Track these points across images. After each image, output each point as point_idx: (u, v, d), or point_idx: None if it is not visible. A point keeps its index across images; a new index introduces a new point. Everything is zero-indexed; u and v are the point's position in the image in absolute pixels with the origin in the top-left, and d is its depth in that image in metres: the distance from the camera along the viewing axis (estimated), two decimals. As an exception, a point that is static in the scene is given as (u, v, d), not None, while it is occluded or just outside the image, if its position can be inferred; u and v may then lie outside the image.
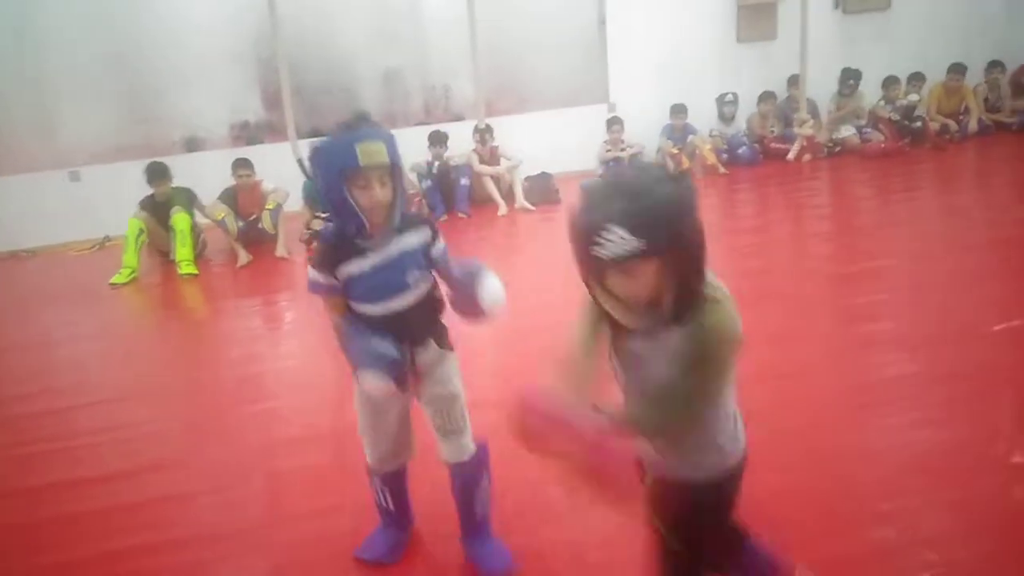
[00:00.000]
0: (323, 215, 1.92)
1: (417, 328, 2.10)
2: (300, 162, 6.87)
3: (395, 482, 2.35)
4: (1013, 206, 6.30)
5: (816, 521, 2.43)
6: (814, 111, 8.54)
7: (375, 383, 1.93)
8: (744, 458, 1.65)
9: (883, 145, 8.14)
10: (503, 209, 7.31)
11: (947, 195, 7.07)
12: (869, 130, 8.39)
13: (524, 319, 4.81)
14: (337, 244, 2.01)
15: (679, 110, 8.13)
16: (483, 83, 8.08)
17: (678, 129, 8.15)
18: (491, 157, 7.57)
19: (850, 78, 8.51)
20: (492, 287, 2.09)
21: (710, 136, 8.28)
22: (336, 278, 1.99)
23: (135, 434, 3.41)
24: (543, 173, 7.75)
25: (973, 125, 8.50)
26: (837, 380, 3.42)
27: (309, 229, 6.61)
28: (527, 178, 7.64)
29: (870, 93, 8.57)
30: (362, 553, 2.37)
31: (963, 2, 9.12)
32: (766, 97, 8.49)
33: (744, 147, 8.28)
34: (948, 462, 2.70)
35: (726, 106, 8.42)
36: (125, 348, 4.90)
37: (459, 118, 8.38)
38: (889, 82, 8.49)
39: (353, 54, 8.27)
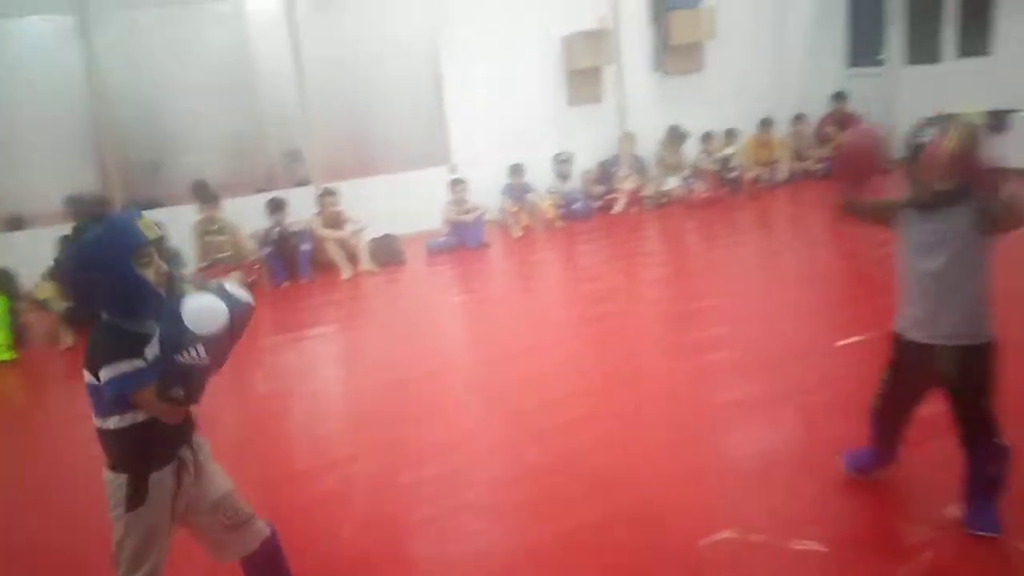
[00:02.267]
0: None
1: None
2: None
3: None
4: (824, 244, 6.98)
5: (646, 551, 2.61)
6: (641, 167, 9.13)
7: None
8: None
9: (705, 195, 8.79)
10: (347, 272, 7.36)
11: (766, 237, 7.73)
12: (692, 181, 9.05)
13: (367, 378, 4.86)
14: (120, 335, 1.87)
15: (517, 170, 8.49)
16: (318, 148, 8.19)
17: (517, 188, 8.50)
18: (335, 221, 7.63)
19: (679, 133, 9.17)
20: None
21: (548, 193, 8.68)
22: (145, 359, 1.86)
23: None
24: (387, 235, 7.86)
25: (783, 173, 9.33)
26: (682, 409, 3.70)
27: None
28: (372, 240, 7.73)
29: (690, 147, 9.27)
30: None
31: (767, 63, 10.06)
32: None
33: (579, 202, 8.73)
34: (779, 473, 2.98)
35: (561, 165, 8.87)
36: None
37: (304, 183, 8.42)
38: (707, 137, 9.23)
39: (190, 126, 8.17)
